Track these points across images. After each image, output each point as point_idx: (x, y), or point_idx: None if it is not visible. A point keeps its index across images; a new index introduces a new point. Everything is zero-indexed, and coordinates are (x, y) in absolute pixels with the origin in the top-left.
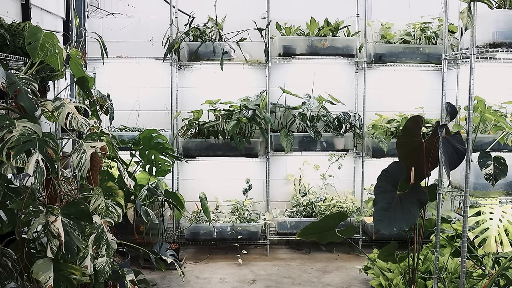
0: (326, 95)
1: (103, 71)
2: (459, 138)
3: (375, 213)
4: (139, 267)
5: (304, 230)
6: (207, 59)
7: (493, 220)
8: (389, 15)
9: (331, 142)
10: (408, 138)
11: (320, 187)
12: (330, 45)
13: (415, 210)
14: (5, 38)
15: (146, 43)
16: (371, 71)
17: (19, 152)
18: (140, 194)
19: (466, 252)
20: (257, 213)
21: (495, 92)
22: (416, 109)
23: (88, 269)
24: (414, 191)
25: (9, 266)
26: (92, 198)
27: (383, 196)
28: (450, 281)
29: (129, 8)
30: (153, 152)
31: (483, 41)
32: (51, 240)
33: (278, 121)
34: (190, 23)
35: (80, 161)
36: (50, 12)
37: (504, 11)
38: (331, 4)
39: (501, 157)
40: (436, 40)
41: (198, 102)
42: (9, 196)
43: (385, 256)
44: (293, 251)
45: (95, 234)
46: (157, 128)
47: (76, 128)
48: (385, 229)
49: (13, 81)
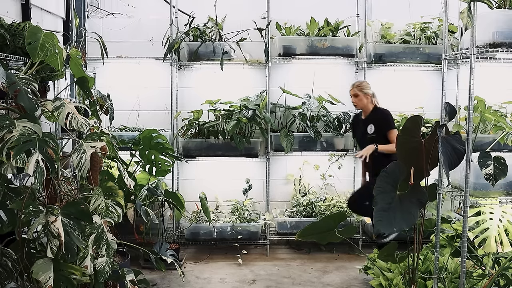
0: (326, 95)
1: (103, 71)
2: (459, 138)
3: (375, 213)
4: (139, 267)
5: (304, 230)
6: (207, 59)
7: (493, 220)
8: (389, 15)
9: (331, 142)
10: (408, 138)
11: (320, 187)
12: (330, 45)
13: (415, 210)
14: (5, 38)
15: (146, 43)
16: (371, 71)
17: (19, 152)
18: (140, 194)
19: (466, 252)
20: (257, 213)
21: (495, 92)
22: (416, 109)
23: (88, 269)
24: (414, 191)
25: (9, 266)
26: (92, 198)
27: (383, 196)
28: (450, 281)
29: (129, 8)
30: (153, 152)
31: (483, 41)
32: (51, 240)
33: (278, 121)
34: (190, 23)
35: (80, 161)
36: (50, 12)
37: (504, 11)
38: (331, 4)
39: (501, 157)
40: (436, 40)
41: (198, 102)
42: (9, 196)
43: (385, 256)
44: (293, 251)
45: (95, 234)
46: (157, 128)
47: (76, 128)
48: (385, 229)
49: (13, 81)
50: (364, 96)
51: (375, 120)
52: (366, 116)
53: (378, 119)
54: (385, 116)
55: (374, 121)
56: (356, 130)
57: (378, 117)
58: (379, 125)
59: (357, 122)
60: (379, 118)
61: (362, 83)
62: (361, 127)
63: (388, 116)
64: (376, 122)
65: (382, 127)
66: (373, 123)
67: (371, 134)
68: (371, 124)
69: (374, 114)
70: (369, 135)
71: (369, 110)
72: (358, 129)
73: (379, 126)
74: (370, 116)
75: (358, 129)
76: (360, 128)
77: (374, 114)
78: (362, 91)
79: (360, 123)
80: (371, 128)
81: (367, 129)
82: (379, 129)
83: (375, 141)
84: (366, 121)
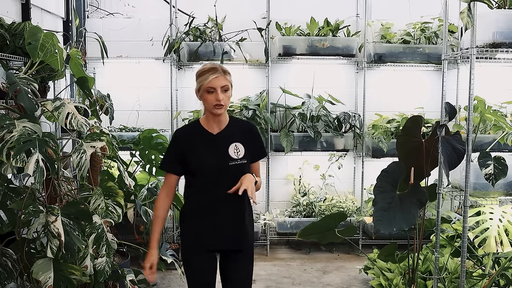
0: (326, 95)
1: (103, 71)
2: (459, 138)
3: (375, 213)
4: (139, 267)
5: (304, 230)
6: (207, 59)
7: (493, 220)
8: (389, 15)
9: (331, 142)
10: (408, 138)
11: (320, 187)
12: (330, 45)
13: (415, 210)
14: (5, 38)
15: (146, 43)
16: (371, 71)
17: (19, 152)
18: (140, 194)
19: (466, 252)
20: (257, 213)
21: (495, 92)
22: (416, 109)
23: (88, 269)
24: (414, 191)
25: (9, 266)
26: (92, 198)
27: (383, 196)
28: (450, 281)
29: (129, 8)
30: (153, 152)
31: (483, 41)
32: (51, 240)
33: (278, 121)
34: (190, 23)
35: (80, 161)
36: (50, 12)
37: (504, 11)
38: (331, 4)
39: (501, 157)
40: (436, 40)
41: (198, 102)
42: (9, 196)
43: (385, 256)
44: (293, 251)
45: (95, 234)
46: (157, 128)
47: (76, 128)
48: (385, 229)
49: (13, 81)
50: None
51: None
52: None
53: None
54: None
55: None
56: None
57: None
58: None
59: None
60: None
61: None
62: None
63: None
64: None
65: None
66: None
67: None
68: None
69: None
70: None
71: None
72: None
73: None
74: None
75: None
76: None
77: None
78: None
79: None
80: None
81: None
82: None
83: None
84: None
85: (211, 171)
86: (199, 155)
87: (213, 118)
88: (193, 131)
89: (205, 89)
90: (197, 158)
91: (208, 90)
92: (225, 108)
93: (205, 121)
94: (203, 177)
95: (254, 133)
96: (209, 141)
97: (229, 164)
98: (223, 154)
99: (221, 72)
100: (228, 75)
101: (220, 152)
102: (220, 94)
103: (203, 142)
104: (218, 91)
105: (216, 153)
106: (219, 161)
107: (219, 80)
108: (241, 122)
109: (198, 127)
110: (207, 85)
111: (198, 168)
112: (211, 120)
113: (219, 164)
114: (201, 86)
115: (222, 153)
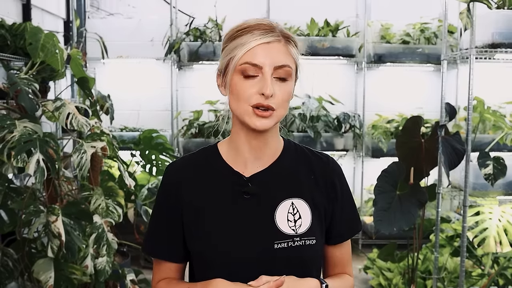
0: (326, 95)
1: (104, 71)
2: (458, 138)
3: (375, 213)
4: (140, 267)
5: None
6: (207, 59)
7: (492, 220)
8: (388, 16)
9: (331, 142)
10: (408, 138)
11: None
12: (330, 45)
13: (414, 210)
14: (6, 39)
15: (147, 44)
16: (370, 71)
17: (20, 152)
18: (140, 194)
19: (465, 252)
20: None
21: (495, 92)
22: (416, 109)
23: (89, 269)
24: (413, 191)
25: (10, 266)
26: (92, 198)
27: (383, 196)
28: (450, 280)
29: (130, 8)
30: (154, 152)
31: (483, 41)
32: (52, 240)
33: None
34: (190, 24)
35: (80, 161)
36: (50, 13)
37: (504, 11)
38: (331, 4)
39: (500, 157)
40: (435, 41)
41: (199, 102)
42: (10, 196)
43: (384, 256)
44: None
45: (95, 234)
46: (158, 128)
47: (77, 128)
48: (385, 229)
49: (14, 81)
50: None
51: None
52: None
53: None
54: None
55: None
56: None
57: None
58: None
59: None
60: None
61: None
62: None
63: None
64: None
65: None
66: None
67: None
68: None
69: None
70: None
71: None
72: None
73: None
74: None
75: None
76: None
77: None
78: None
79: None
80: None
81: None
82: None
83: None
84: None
85: (236, 263)
86: (211, 226)
87: (248, 139)
88: (203, 170)
89: (239, 68)
90: (207, 233)
91: (244, 71)
92: (278, 118)
93: (228, 147)
94: (220, 272)
95: (339, 179)
96: (236, 193)
97: (275, 248)
98: (264, 224)
99: (278, 36)
100: (292, 46)
101: (257, 219)
102: (271, 84)
103: (222, 195)
104: (266, 74)
105: (248, 223)
106: (254, 241)
107: (273, 51)
108: (309, 154)
109: (213, 161)
110: (244, 58)
111: (208, 255)
112: (243, 143)
113: (252, 249)
114: (230, 60)
115: (261, 223)
